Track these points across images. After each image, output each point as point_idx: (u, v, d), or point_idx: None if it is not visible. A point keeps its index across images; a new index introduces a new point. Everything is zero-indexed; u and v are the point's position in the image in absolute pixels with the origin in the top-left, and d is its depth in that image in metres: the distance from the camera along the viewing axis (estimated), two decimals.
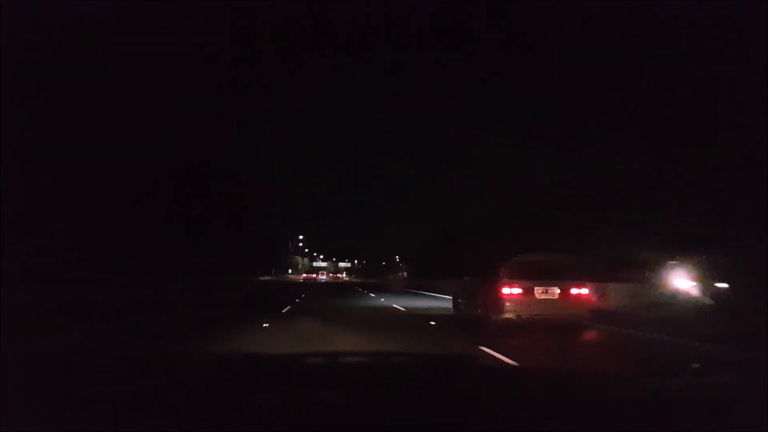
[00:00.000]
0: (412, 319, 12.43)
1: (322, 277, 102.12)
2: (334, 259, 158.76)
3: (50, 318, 9.59)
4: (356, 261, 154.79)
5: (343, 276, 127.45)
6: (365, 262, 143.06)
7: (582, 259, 10.69)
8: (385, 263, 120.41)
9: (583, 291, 9.49)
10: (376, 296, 24.39)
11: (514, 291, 9.35)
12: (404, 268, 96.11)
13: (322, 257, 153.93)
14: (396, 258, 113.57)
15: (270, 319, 10.71)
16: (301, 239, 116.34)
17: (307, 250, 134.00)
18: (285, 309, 14.57)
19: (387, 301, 19.66)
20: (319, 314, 12.70)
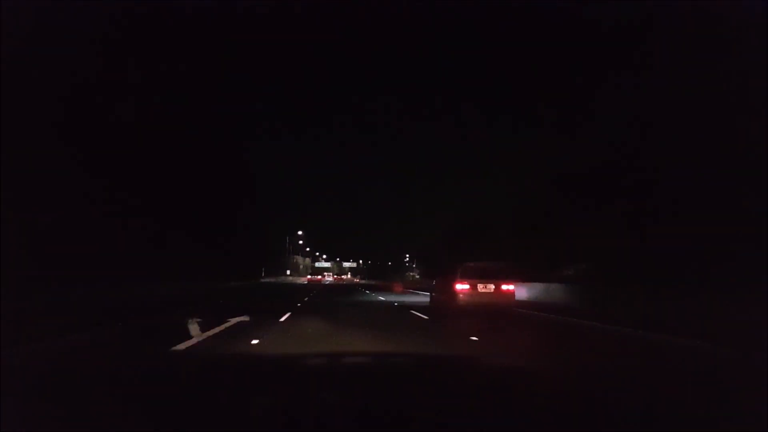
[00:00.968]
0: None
1: (329, 278, 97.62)
2: (338, 259, 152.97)
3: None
4: (361, 261, 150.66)
5: (351, 277, 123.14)
6: (370, 262, 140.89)
7: (510, 264, 15.30)
8: (392, 263, 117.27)
9: (510, 287, 14.09)
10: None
11: (465, 287, 13.95)
12: (414, 267, 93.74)
13: (325, 257, 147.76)
14: (406, 257, 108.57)
15: None
16: (300, 235, 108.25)
17: (308, 249, 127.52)
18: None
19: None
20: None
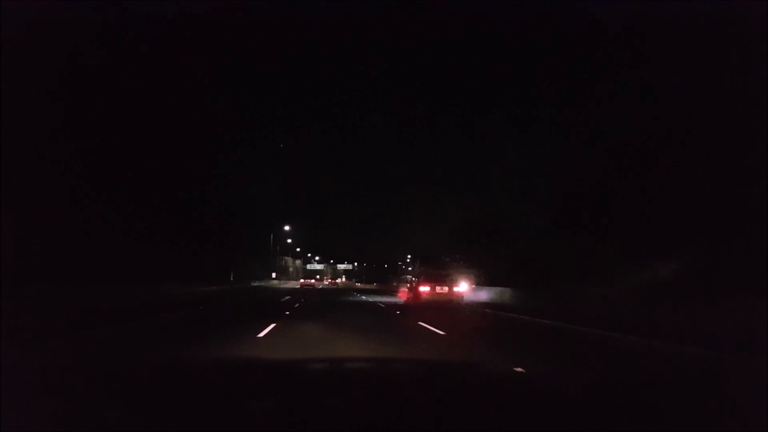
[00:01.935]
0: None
1: (326, 281, 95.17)
2: (332, 261, 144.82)
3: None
4: (356, 264, 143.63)
5: (346, 280, 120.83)
6: (365, 264, 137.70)
7: (461, 271, 20.36)
8: (387, 265, 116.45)
9: (460, 289, 19.07)
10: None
11: (426, 288, 18.88)
12: (411, 270, 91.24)
13: (318, 259, 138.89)
14: (408, 258, 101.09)
15: None
16: (287, 231, 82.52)
17: (298, 250, 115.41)
18: None
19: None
20: None
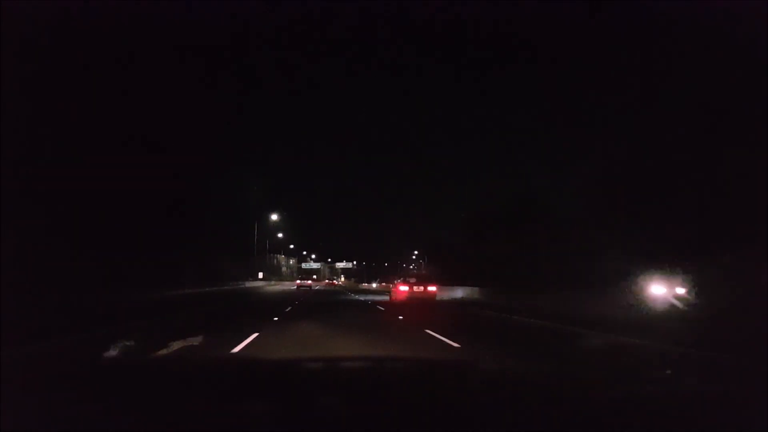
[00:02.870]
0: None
1: (324, 283, 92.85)
2: (330, 260, 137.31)
3: None
4: (355, 262, 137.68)
5: (345, 281, 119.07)
6: (365, 263, 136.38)
7: (435, 273, 23.49)
8: (387, 264, 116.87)
9: (433, 288, 22.21)
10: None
11: (405, 288, 22.03)
12: (413, 269, 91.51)
13: (314, 257, 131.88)
14: (413, 255, 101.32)
15: None
16: (275, 221, 70.07)
17: (292, 247, 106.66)
18: None
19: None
20: None
